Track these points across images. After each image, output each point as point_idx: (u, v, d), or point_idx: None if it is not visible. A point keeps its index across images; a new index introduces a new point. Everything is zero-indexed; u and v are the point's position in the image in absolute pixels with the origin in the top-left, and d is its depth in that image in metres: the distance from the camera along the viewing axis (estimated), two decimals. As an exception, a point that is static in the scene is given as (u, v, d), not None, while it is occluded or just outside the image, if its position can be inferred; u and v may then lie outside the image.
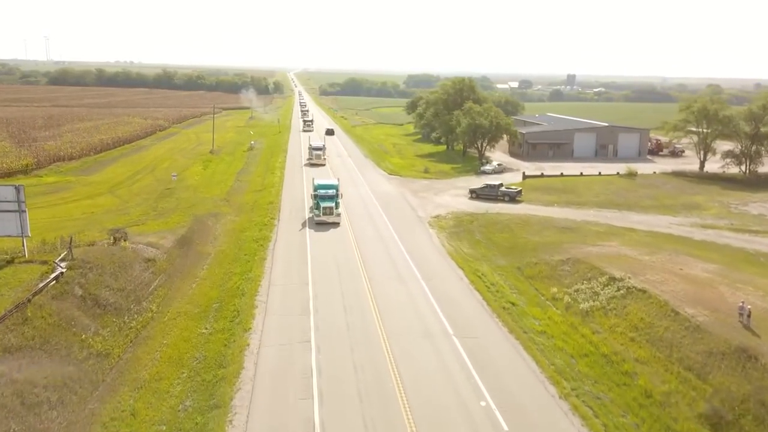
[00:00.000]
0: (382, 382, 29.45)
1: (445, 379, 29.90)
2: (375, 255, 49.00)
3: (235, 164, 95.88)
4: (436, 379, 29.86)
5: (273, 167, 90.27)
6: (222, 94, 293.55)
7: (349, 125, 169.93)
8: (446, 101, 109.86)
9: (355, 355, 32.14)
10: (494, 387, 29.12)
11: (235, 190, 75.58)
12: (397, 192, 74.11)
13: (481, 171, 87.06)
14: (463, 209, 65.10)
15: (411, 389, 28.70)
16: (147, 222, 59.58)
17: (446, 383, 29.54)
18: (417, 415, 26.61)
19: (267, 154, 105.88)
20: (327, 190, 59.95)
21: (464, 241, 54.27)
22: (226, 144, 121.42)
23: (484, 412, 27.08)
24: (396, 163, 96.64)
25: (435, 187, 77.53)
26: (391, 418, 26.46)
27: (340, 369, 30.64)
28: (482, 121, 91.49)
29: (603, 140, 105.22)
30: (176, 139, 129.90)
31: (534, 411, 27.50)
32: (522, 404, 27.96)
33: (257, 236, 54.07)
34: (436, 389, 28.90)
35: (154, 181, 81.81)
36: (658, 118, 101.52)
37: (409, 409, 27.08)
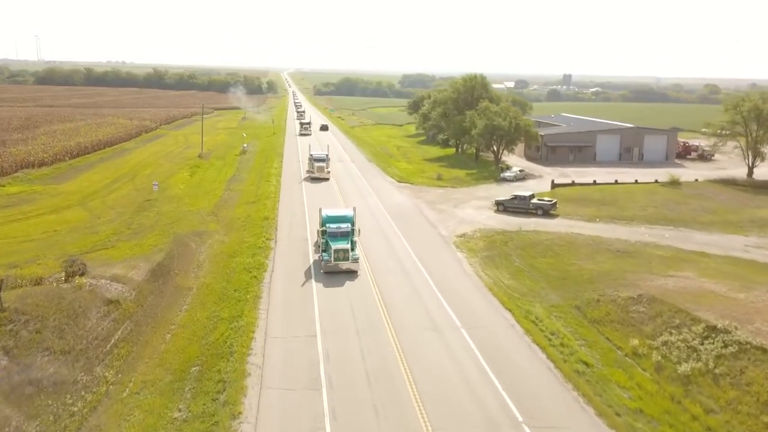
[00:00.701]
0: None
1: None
2: (398, 291, 38.72)
3: (225, 170, 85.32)
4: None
5: (268, 174, 79.77)
6: (214, 93, 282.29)
7: (347, 126, 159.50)
8: (456, 100, 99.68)
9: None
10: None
11: (225, 202, 65.11)
12: (410, 204, 63.85)
13: (501, 178, 76.95)
14: (491, 225, 54.91)
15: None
16: (118, 244, 49.11)
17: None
18: None
19: (261, 158, 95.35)
20: (339, 224, 43.49)
21: (502, 268, 44.07)
22: (216, 147, 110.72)
23: None
24: (404, 169, 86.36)
25: (453, 197, 67.29)
26: None
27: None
28: (500, 122, 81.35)
29: (628, 143, 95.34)
30: (163, 142, 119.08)
31: None
32: None
33: (250, 264, 43.67)
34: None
35: (133, 191, 71.22)
36: (660, 118, 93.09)
37: None
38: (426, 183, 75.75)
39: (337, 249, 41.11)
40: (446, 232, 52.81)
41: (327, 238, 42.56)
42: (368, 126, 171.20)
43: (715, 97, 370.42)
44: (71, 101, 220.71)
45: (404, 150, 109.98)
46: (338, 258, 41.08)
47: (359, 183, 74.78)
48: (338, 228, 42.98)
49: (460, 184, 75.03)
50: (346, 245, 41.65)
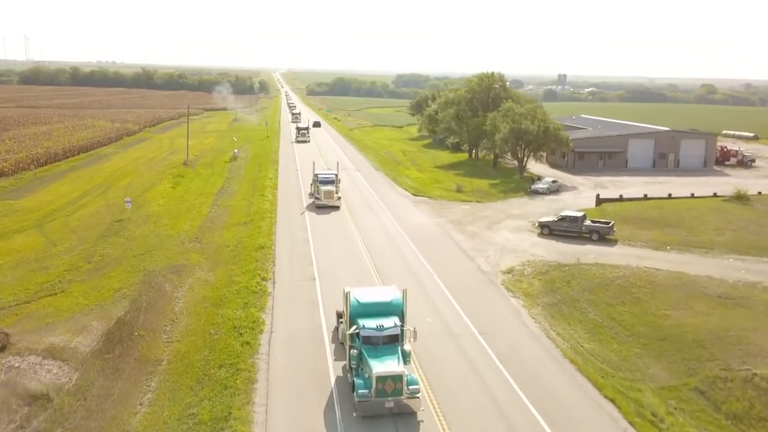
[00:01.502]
0: None
1: None
2: (450, 370, 27.36)
3: (213, 181, 73.64)
4: None
5: (262, 186, 68.14)
6: (204, 94, 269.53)
7: (346, 128, 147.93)
8: (471, 101, 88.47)
9: None
10: None
11: (212, 223, 53.52)
12: (434, 225, 52.50)
13: (531, 191, 65.81)
14: (541, 256, 43.73)
15: None
16: (70, 287, 37.62)
17: None
18: None
19: (254, 166, 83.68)
20: (380, 319, 24.91)
21: (575, 323, 32.89)
22: (204, 152, 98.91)
23: None
24: (417, 179, 75.00)
25: (482, 215, 56.02)
26: None
27: None
28: (528, 125, 70.20)
29: (662, 148, 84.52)
30: (146, 146, 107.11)
31: None
32: None
33: (241, 320, 32.17)
34: None
35: (103, 208, 59.54)
36: (661, 118, 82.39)
37: None
38: (446, 196, 64.42)
39: (382, 376, 22.68)
40: (488, 267, 41.49)
41: (361, 347, 24.21)
42: (367, 128, 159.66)
43: (713, 97, 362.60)
44: (54, 102, 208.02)
45: (411, 155, 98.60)
46: (384, 393, 22.73)
47: (369, 197, 63.26)
48: (379, 329, 24.31)
49: (485, 198, 63.73)
50: (395, 367, 23.15)
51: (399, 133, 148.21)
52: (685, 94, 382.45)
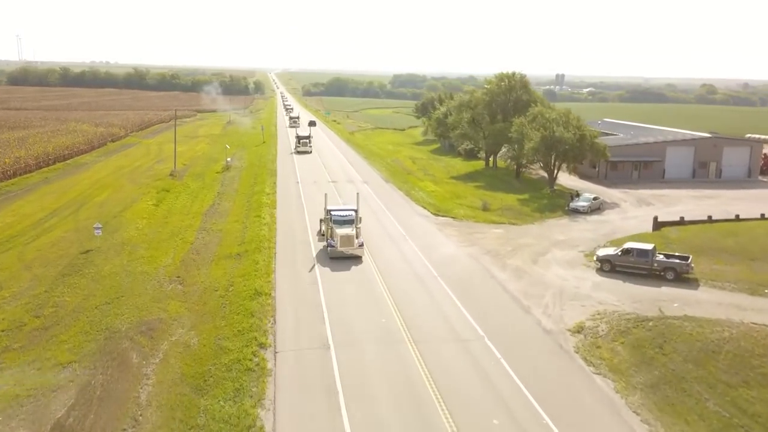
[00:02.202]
0: None
1: None
2: None
3: (202, 196, 63.85)
4: None
5: (258, 204, 58.37)
6: (198, 95, 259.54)
7: (346, 131, 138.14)
8: (490, 104, 78.87)
9: None
10: None
11: (198, 254, 43.81)
12: (467, 257, 42.89)
13: (571, 208, 56.43)
14: (610, 302, 34.30)
15: None
16: (2, 358, 27.89)
17: None
18: None
19: (249, 177, 73.87)
20: None
21: (694, 420, 23.39)
22: (194, 160, 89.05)
23: None
24: (433, 193, 65.43)
25: (522, 242, 46.47)
26: None
27: None
28: (562, 132, 60.70)
29: (703, 156, 75.30)
30: (131, 153, 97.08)
31: None
32: None
33: (230, 420, 22.58)
34: None
35: (71, 233, 49.68)
36: (666, 119, 73.29)
37: None
38: (472, 216, 54.81)
39: None
40: (551, 323, 31.91)
41: None
42: (368, 131, 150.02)
43: (713, 97, 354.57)
44: (41, 103, 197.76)
45: (422, 163, 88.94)
46: None
47: (384, 219, 53.46)
48: None
49: (519, 218, 54.19)
50: None
51: (402, 137, 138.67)
52: (684, 94, 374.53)
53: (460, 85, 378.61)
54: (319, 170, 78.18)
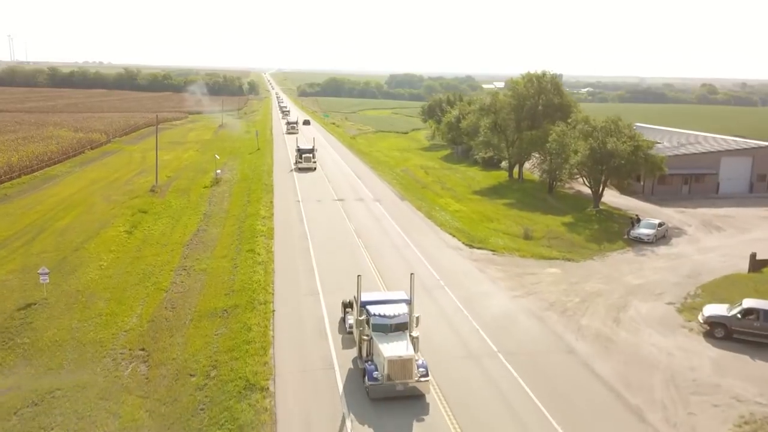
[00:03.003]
0: None
1: None
2: None
3: (185, 220, 52.85)
4: None
5: (252, 231, 47.39)
6: (190, 96, 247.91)
7: (347, 136, 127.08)
8: (518, 108, 68.10)
9: None
10: None
11: (173, 308, 32.97)
12: (525, 313, 32.05)
13: (634, 236, 45.91)
14: (750, 398, 23.77)
15: None
16: None
17: None
18: None
19: (241, 194, 62.90)
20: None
21: None
22: (180, 171, 77.99)
23: None
24: (458, 214, 54.66)
25: (589, 290, 35.71)
26: None
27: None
28: (617, 144, 50.05)
29: (763, 168, 64.95)
30: (110, 163, 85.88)
31: None
32: None
33: None
34: None
35: (14, 277, 38.65)
36: (672, 120, 62.82)
37: None
38: (515, 248, 43.99)
39: None
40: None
41: None
42: (370, 135, 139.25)
43: (714, 97, 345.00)
44: (26, 105, 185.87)
45: (436, 174, 78.12)
46: None
47: (409, 253, 42.33)
48: None
49: (573, 251, 43.47)
50: None
51: (407, 141, 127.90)
52: (683, 93, 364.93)
53: (458, 84, 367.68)
54: (323, 184, 67.32)
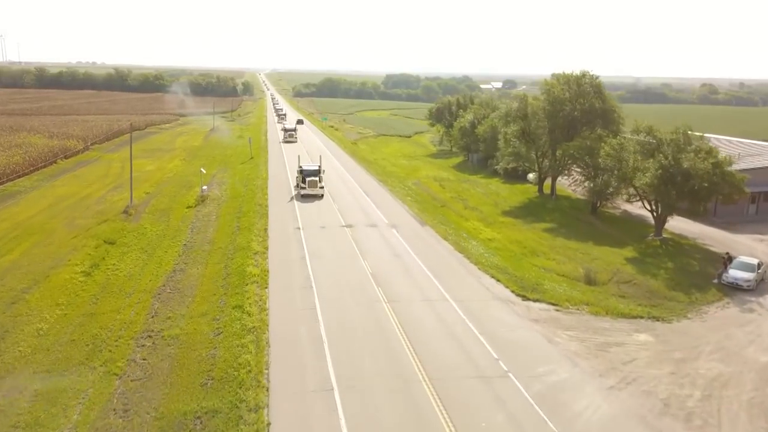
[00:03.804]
0: None
1: None
2: None
3: (160, 254, 42.24)
4: None
5: (241, 274, 36.77)
6: (183, 97, 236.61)
7: (347, 141, 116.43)
8: (553, 114, 57.72)
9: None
10: None
11: (124, 412, 22.46)
12: (635, 422, 21.82)
13: (728, 281, 35.62)
14: None
15: None
16: None
17: None
18: None
19: (230, 217, 52.24)
20: None
21: None
22: (162, 186, 67.36)
23: None
24: (493, 243, 44.25)
25: (706, 374, 25.45)
26: None
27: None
28: (695, 162, 39.82)
29: (840, 182, 54.83)
30: (84, 175, 75.04)
31: None
32: None
33: None
34: None
35: None
36: (678, 121, 53.31)
37: None
38: (580, 298, 33.53)
39: None
40: None
41: None
42: (371, 139, 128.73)
43: (715, 98, 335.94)
44: (8, 107, 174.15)
45: (453, 188, 67.71)
46: None
47: (446, 311, 31.54)
48: None
49: (655, 303, 33.08)
50: None
51: (412, 146, 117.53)
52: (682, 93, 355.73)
53: (456, 85, 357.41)
54: (327, 204, 56.72)
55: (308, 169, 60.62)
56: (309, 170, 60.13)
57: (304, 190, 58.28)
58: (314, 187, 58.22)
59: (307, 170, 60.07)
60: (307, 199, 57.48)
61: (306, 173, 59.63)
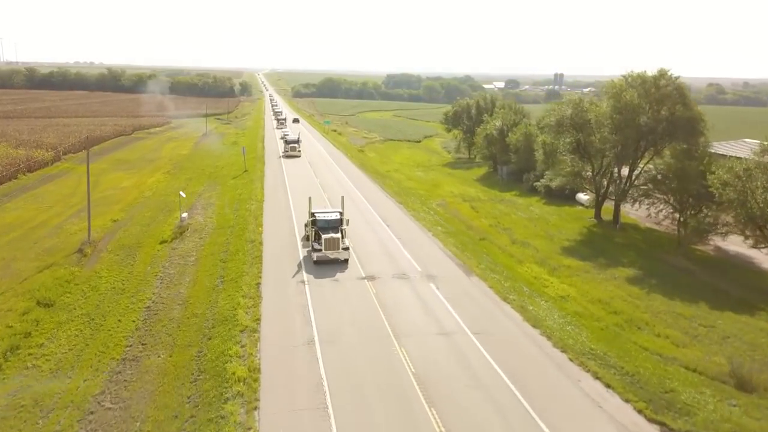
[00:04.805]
0: None
1: None
2: None
3: (109, 326, 29.35)
4: None
5: (220, 369, 24.07)
6: (177, 98, 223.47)
7: (353, 147, 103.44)
8: (623, 123, 44.72)
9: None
10: None
11: None
12: None
13: None
14: None
15: None
16: None
17: None
18: None
19: (213, 260, 39.31)
20: None
21: None
22: (136, 208, 54.40)
23: None
24: (570, 307, 31.53)
25: None
26: None
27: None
28: None
29: None
30: (44, 194, 62.02)
31: None
32: None
33: None
34: None
35: None
36: None
37: None
38: (738, 422, 21.00)
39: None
40: None
41: None
42: (377, 144, 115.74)
43: (723, 98, 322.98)
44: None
45: (487, 210, 54.82)
46: None
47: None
48: None
49: None
50: None
51: (424, 153, 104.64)
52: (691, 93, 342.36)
53: (459, 85, 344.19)
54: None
55: (326, 218, 38.47)
56: (327, 220, 38.30)
57: (319, 253, 36.53)
58: (334, 248, 36.44)
59: (324, 219, 38.30)
60: (322, 264, 36.72)
61: (322, 225, 37.90)
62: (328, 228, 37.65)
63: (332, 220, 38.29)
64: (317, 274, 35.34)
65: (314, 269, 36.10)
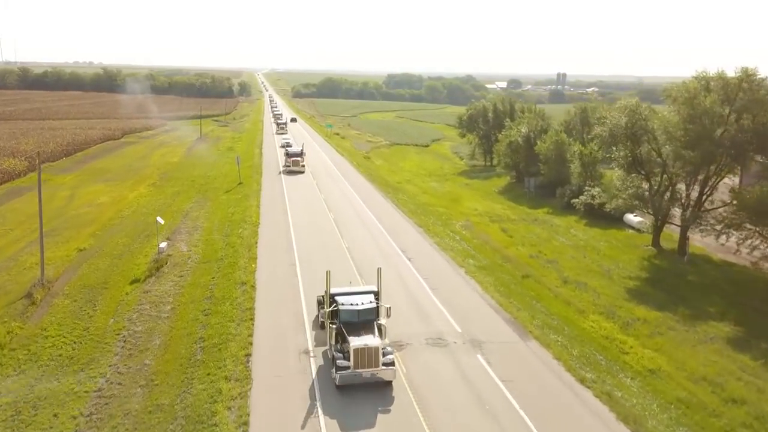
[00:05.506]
0: None
1: None
2: None
3: (48, 415, 20.66)
4: None
5: None
6: (174, 98, 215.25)
7: (357, 152, 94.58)
8: (697, 134, 36.04)
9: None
10: None
11: None
12: None
13: None
14: None
15: None
16: None
17: None
18: None
19: (193, 307, 30.62)
20: None
21: None
22: (108, 231, 45.58)
23: None
24: (667, 389, 22.90)
25: None
26: None
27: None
28: None
29: None
30: (9, 213, 53.23)
31: None
32: None
33: None
34: None
35: None
36: None
37: None
38: None
39: None
40: None
41: None
42: (384, 149, 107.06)
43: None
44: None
45: (522, 235, 46.12)
46: None
47: None
48: None
49: None
50: None
51: (435, 159, 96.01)
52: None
53: (461, 84, 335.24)
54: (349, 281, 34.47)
55: (354, 307, 23.73)
56: (356, 310, 23.67)
57: (344, 372, 21.93)
58: (371, 364, 21.95)
59: (351, 310, 23.68)
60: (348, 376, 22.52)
61: (347, 319, 23.53)
62: (359, 325, 23.18)
63: (365, 310, 23.58)
64: (320, 341, 26.51)
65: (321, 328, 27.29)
